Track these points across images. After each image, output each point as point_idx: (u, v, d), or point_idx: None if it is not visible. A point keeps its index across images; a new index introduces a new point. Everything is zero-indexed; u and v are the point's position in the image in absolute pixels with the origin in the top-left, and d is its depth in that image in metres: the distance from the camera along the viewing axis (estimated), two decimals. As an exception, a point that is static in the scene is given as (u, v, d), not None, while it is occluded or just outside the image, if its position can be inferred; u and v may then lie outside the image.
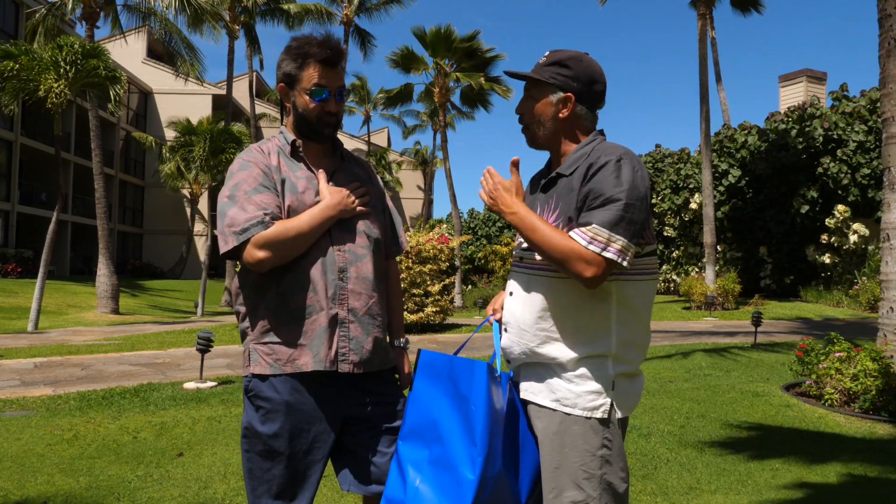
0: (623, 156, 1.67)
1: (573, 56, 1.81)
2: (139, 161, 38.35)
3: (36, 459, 4.16)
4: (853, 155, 17.13)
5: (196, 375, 7.04)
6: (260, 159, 1.96)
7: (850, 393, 5.54)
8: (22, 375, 7.28)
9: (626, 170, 1.65)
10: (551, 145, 1.85)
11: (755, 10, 21.24)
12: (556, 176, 1.79)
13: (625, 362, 1.75)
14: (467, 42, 21.30)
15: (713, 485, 3.73)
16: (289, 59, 1.95)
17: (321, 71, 1.93)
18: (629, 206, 1.63)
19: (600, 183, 1.65)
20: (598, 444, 1.70)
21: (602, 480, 1.70)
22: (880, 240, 6.20)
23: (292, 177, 1.97)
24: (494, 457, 1.66)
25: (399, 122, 45.60)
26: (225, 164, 20.54)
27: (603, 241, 1.61)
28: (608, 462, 1.71)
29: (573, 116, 1.81)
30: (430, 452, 1.71)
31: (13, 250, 25.07)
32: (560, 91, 1.79)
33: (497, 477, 1.66)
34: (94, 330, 13.80)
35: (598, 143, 1.78)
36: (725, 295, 17.00)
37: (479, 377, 1.71)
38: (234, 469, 3.95)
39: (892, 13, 6.02)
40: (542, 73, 1.81)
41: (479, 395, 1.68)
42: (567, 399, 1.72)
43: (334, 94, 1.96)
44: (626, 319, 1.74)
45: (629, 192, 1.63)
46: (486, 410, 1.67)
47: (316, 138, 2.01)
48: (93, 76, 14.22)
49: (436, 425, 1.73)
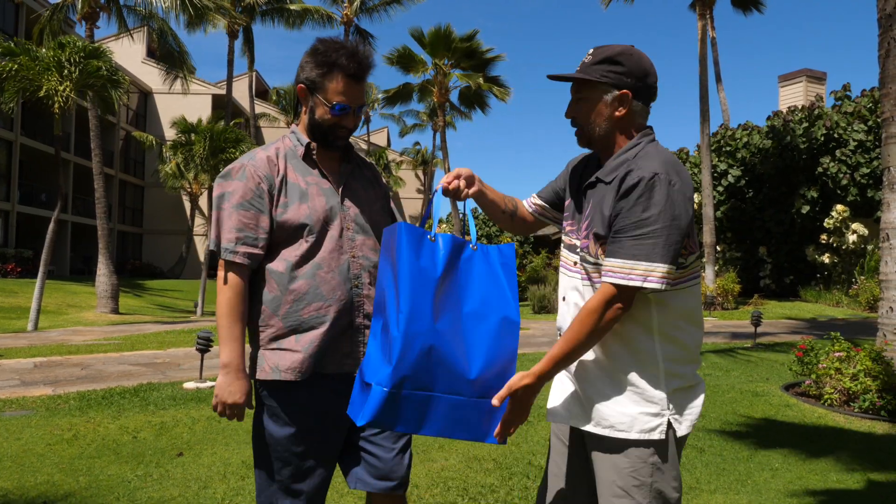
0: (658, 172, 1.60)
1: (622, 51, 1.72)
2: (139, 161, 38.34)
3: (36, 459, 4.16)
4: (853, 155, 17.13)
5: (196, 375, 7.04)
6: (261, 171, 1.92)
7: (850, 393, 5.54)
8: (22, 375, 7.28)
9: (658, 192, 1.59)
10: (606, 146, 1.77)
11: (756, 9, 21.27)
12: (596, 180, 1.73)
13: (677, 377, 1.68)
14: (466, 42, 21.32)
15: (713, 484, 3.73)
16: (314, 63, 1.90)
17: (346, 85, 1.89)
18: (661, 232, 1.58)
19: (631, 208, 1.60)
20: (651, 451, 1.66)
21: (653, 489, 1.65)
22: (880, 239, 6.20)
23: (301, 182, 1.95)
24: (419, 314, 1.62)
25: (399, 121, 45.68)
26: (225, 163, 20.53)
27: (641, 275, 1.58)
28: (659, 470, 1.66)
29: (630, 114, 1.73)
30: (381, 320, 1.72)
31: (13, 250, 25.07)
32: (614, 89, 1.71)
33: (425, 332, 1.61)
34: (94, 330, 13.80)
35: (642, 149, 1.70)
36: (725, 295, 17.00)
37: (399, 240, 1.69)
38: (234, 469, 3.96)
39: (891, 13, 6.02)
40: (591, 72, 1.72)
41: (401, 257, 1.67)
42: (622, 423, 1.66)
43: (354, 109, 1.93)
44: (670, 331, 1.68)
45: (661, 215, 1.58)
46: (406, 269, 1.65)
47: (326, 147, 1.99)
48: (94, 77, 14.22)
49: (383, 295, 1.73)
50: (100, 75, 14.21)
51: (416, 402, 1.62)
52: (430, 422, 1.65)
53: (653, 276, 1.57)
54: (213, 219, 1.91)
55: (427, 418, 1.64)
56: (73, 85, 13.91)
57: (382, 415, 1.61)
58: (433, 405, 1.64)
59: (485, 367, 1.65)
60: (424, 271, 1.67)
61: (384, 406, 1.60)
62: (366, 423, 1.62)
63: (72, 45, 14.04)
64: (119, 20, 20.24)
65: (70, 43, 14.15)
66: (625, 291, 1.60)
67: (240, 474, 3.85)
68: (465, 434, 1.67)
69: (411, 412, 1.63)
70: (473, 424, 1.67)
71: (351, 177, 2.05)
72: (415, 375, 1.61)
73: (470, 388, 1.64)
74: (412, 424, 1.64)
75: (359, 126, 2.01)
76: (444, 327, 1.65)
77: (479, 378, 1.64)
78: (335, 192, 1.99)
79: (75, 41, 14.43)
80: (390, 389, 1.59)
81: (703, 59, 17.39)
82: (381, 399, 1.60)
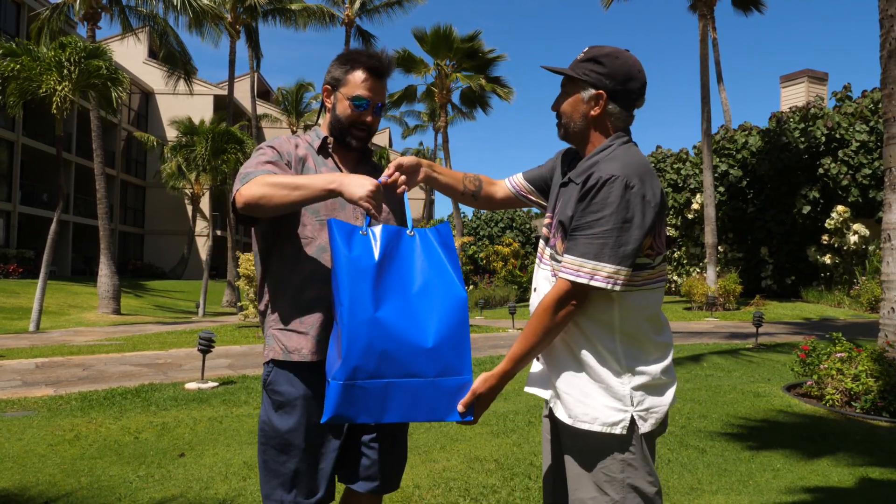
0: (616, 175, 1.63)
1: (609, 53, 1.76)
2: (140, 161, 38.36)
3: (37, 460, 4.17)
4: (854, 155, 17.11)
5: (197, 376, 7.05)
6: (284, 146, 2.01)
7: (852, 393, 5.54)
8: (23, 376, 7.29)
9: (613, 194, 1.62)
10: (581, 142, 1.82)
11: (756, 9, 21.24)
12: (568, 180, 1.77)
13: (641, 374, 1.70)
14: (468, 42, 21.34)
15: (714, 485, 3.73)
16: (338, 63, 2.01)
17: (365, 79, 1.97)
18: (611, 233, 1.61)
19: (587, 207, 1.64)
20: (619, 448, 1.68)
21: (625, 484, 1.67)
22: (881, 240, 6.19)
23: (316, 170, 2.01)
24: (361, 303, 1.67)
25: (400, 122, 45.67)
26: (226, 164, 20.56)
27: (588, 273, 1.62)
28: (631, 466, 1.67)
29: (604, 115, 1.76)
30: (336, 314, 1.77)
31: (14, 251, 25.09)
32: (592, 88, 1.75)
33: (369, 320, 1.66)
34: (96, 330, 13.81)
35: (611, 152, 1.73)
36: (726, 295, 16.99)
37: (332, 235, 1.74)
38: (236, 469, 3.96)
39: (893, 14, 6.01)
40: (576, 68, 1.77)
41: (335, 252, 1.73)
42: (586, 415, 1.69)
43: (373, 106, 1.99)
44: (633, 331, 1.70)
45: (612, 217, 1.61)
46: (341, 262, 1.71)
47: (344, 145, 2.04)
48: (95, 77, 14.24)
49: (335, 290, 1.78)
50: (100, 74, 14.24)
51: (373, 391, 1.67)
52: (391, 408, 1.69)
53: (599, 275, 1.62)
54: (241, 173, 1.93)
55: (388, 405, 1.68)
56: (72, 84, 13.93)
57: (342, 408, 1.66)
58: (392, 391, 1.68)
59: (440, 337, 1.70)
60: (358, 261, 1.72)
61: (341, 399, 1.65)
62: (329, 418, 1.66)
63: (72, 46, 14.06)
64: (122, 21, 20.27)
65: (71, 43, 14.16)
66: (576, 288, 1.65)
67: (241, 475, 3.86)
68: (427, 416, 1.71)
69: (371, 401, 1.67)
70: (434, 405, 1.71)
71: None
72: (365, 364, 1.65)
73: (429, 362, 1.68)
74: (374, 413, 1.68)
75: (377, 126, 2.05)
76: (392, 311, 1.70)
77: (436, 347, 1.69)
78: None
79: (76, 41, 14.45)
80: (344, 382, 1.64)
81: (704, 60, 17.38)
82: (337, 393, 1.65)
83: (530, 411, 5.42)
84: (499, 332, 12.92)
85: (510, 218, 28.66)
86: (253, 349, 9.85)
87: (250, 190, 1.79)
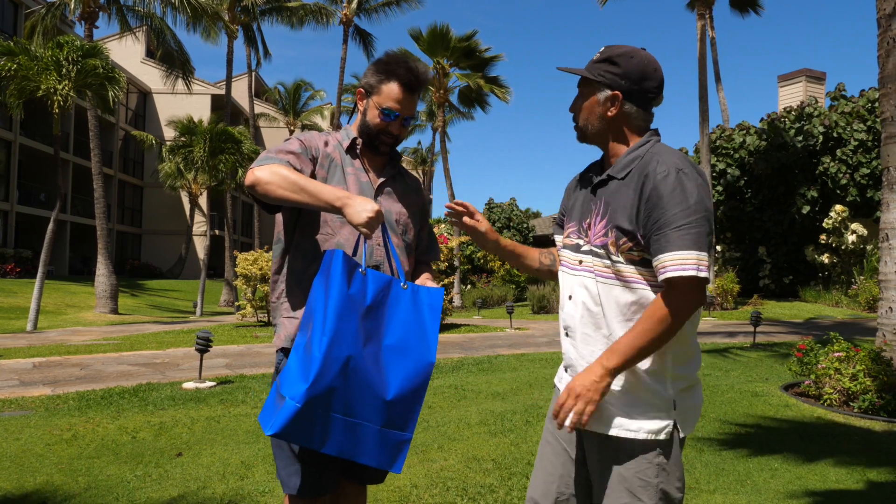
0: (681, 166, 1.61)
1: (624, 52, 1.73)
2: (138, 161, 38.32)
3: (35, 459, 4.16)
4: (853, 154, 17.14)
5: (195, 375, 7.04)
6: (313, 141, 2.05)
7: (849, 393, 5.54)
8: (21, 375, 7.28)
9: (689, 184, 1.59)
10: (601, 144, 1.80)
11: (753, 10, 21.28)
12: (608, 178, 1.73)
13: (681, 378, 1.69)
14: (465, 41, 21.31)
15: (712, 485, 3.73)
16: (375, 69, 2.06)
17: (398, 92, 2.02)
18: (701, 222, 1.58)
19: (667, 201, 1.59)
20: (658, 453, 1.66)
21: (658, 489, 1.65)
22: (879, 239, 6.20)
23: (343, 167, 2.05)
24: (342, 338, 1.71)
25: (399, 121, 45.58)
26: (224, 163, 20.53)
27: (694, 264, 1.56)
28: (665, 470, 1.66)
29: (622, 115, 1.74)
30: (306, 337, 1.79)
31: (12, 250, 25.05)
32: (608, 89, 1.73)
33: (344, 359, 1.70)
34: (93, 330, 13.79)
35: (653, 146, 1.71)
36: (724, 295, 17.01)
37: (335, 266, 1.77)
38: (233, 469, 3.95)
39: (891, 13, 6.02)
40: (592, 69, 1.75)
41: (333, 282, 1.76)
42: (631, 424, 1.66)
43: (402, 119, 2.05)
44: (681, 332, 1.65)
45: (696, 206, 1.58)
46: (336, 295, 1.74)
47: (371, 150, 2.10)
48: (92, 76, 14.22)
49: (311, 314, 1.81)
50: (97, 73, 14.22)
51: (322, 423, 1.71)
52: (332, 442, 1.74)
53: (703, 264, 1.56)
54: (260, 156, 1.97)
55: (331, 438, 1.73)
56: (71, 84, 13.91)
57: (290, 429, 1.69)
58: (339, 427, 1.73)
59: (400, 393, 1.78)
60: (353, 299, 1.77)
61: (293, 421, 1.68)
62: (273, 433, 1.69)
63: (70, 45, 14.05)
64: (120, 20, 20.24)
65: (68, 42, 14.15)
66: (693, 282, 1.57)
67: (239, 474, 3.85)
68: (362, 457, 1.78)
69: (317, 430, 1.71)
70: (372, 451, 1.78)
71: (391, 179, 2.14)
72: (327, 397, 1.70)
73: (381, 412, 1.76)
74: (315, 442, 1.73)
75: (404, 136, 2.11)
76: (366, 356, 1.75)
77: (393, 401, 1.77)
78: (371, 187, 2.08)
79: (73, 41, 14.44)
80: (301, 406, 1.67)
81: (703, 59, 17.39)
82: (291, 414, 1.68)
83: (528, 411, 5.42)
84: (496, 331, 12.92)
85: (507, 217, 28.63)
86: (250, 349, 9.84)
87: (261, 173, 1.86)
